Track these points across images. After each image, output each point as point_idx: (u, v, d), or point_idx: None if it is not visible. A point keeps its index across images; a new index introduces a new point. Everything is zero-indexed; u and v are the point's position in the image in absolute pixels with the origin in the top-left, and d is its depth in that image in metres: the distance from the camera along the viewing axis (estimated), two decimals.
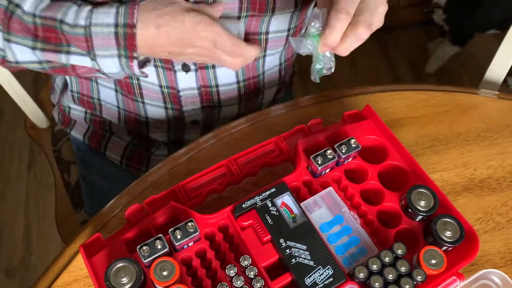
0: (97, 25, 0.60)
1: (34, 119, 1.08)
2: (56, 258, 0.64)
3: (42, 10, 0.62)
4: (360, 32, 0.56)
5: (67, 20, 0.61)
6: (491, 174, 0.73)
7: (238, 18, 0.69)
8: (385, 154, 0.65)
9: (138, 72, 0.65)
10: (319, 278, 0.55)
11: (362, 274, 0.55)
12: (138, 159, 0.90)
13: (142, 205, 0.60)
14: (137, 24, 0.60)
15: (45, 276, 0.63)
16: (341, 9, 0.55)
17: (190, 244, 0.57)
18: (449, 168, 0.73)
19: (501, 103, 0.82)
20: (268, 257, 0.56)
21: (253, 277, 0.55)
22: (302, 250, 0.56)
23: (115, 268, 0.54)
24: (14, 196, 1.63)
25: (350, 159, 0.64)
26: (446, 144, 0.76)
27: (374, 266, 0.55)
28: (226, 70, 0.77)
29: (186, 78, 0.77)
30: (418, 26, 2.04)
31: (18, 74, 0.98)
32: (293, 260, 0.56)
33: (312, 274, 0.55)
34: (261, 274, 0.55)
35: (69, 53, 0.63)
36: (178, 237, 0.55)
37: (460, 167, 0.73)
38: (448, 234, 0.58)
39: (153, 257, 0.54)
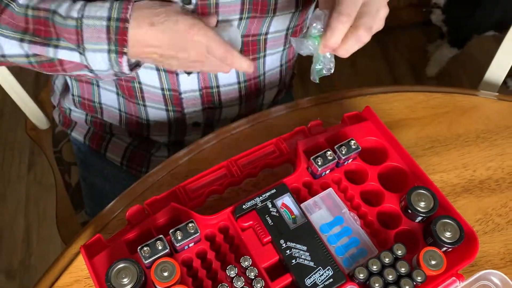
0: (89, 17, 0.60)
1: (34, 120, 1.08)
2: (56, 259, 0.64)
3: (38, 1, 0.61)
4: (360, 35, 0.56)
5: (60, 11, 0.60)
6: (491, 175, 0.73)
7: (240, 19, 0.70)
8: (385, 155, 0.66)
9: (127, 70, 0.63)
10: (319, 279, 0.55)
11: (362, 275, 0.55)
12: (138, 160, 0.90)
13: (142, 206, 0.60)
14: (130, 19, 0.59)
15: (45, 277, 0.63)
16: (342, 11, 0.55)
17: (190, 245, 0.57)
18: (448, 169, 0.73)
19: (500, 105, 0.82)
20: (268, 258, 0.56)
21: (253, 277, 0.55)
22: (302, 251, 0.56)
23: (116, 268, 0.54)
24: (14, 197, 1.62)
25: (350, 160, 0.64)
26: (446, 145, 0.76)
27: (374, 267, 0.55)
28: None
29: (188, 80, 0.77)
30: (418, 27, 2.04)
31: (18, 75, 0.99)
32: (293, 261, 0.56)
33: (312, 275, 0.55)
34: (261, 274, 0.55)
35: (57, 47, 0.62)
36: (179, 238, 0.55)
37: (459, 168, 0.74)
38: (447, 235, 0.58)
39: (153, 257, 0.55)
